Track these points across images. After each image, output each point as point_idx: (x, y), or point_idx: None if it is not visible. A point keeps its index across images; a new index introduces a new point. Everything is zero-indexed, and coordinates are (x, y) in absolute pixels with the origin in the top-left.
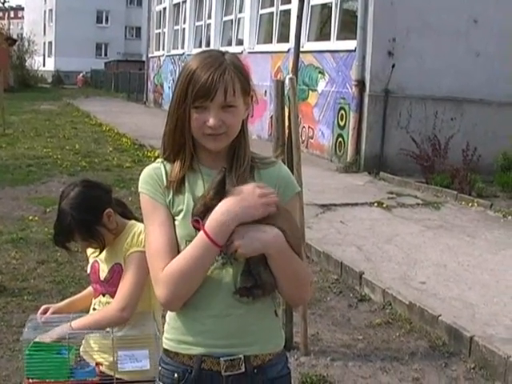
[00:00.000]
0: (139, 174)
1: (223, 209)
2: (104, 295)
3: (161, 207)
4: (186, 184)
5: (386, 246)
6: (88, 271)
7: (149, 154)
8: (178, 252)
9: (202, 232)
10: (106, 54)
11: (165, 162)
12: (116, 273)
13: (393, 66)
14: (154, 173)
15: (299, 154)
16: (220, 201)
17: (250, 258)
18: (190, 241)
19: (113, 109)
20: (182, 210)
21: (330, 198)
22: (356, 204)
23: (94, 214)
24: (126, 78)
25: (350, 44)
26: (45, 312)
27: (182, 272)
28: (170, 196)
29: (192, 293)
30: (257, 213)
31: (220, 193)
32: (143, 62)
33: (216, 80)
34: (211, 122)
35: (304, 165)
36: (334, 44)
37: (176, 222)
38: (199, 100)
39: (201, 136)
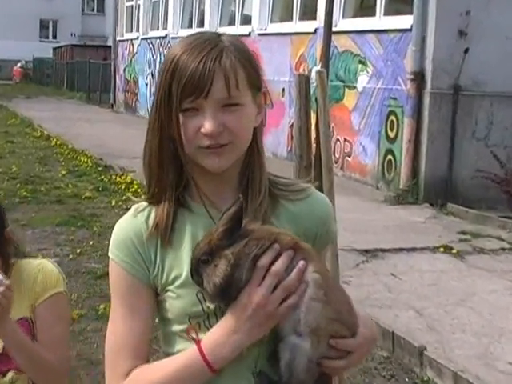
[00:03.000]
0: (104, 208)
1: (228, 327)
2: (5, 374)
3: (138, 285)
4: (182, 235)
5: (458, 310)
6: None
7: (118, 179)
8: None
9: (194, 348)
10: (54, 37)
11: (151, 209)
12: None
13: (466, 51)
14: (132, 233)
15: (331, 178)
16: (231, 241)
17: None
18: (195, 317)
19: (66, 114)
20: (179, 276)
21: (375, 240)
22: (413, 249)
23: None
24: (84, 70)
25: (404, 21)
26: None
27: None
28: (158, 262)
29: None
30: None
31: (232, 231)
32: (109, 47)
33: (210, 67)
34: (207, 126)
35: (338, 193)
36: (380, 21)
37: (171, 293)
38: (188, 98)
39: (196, 151)
